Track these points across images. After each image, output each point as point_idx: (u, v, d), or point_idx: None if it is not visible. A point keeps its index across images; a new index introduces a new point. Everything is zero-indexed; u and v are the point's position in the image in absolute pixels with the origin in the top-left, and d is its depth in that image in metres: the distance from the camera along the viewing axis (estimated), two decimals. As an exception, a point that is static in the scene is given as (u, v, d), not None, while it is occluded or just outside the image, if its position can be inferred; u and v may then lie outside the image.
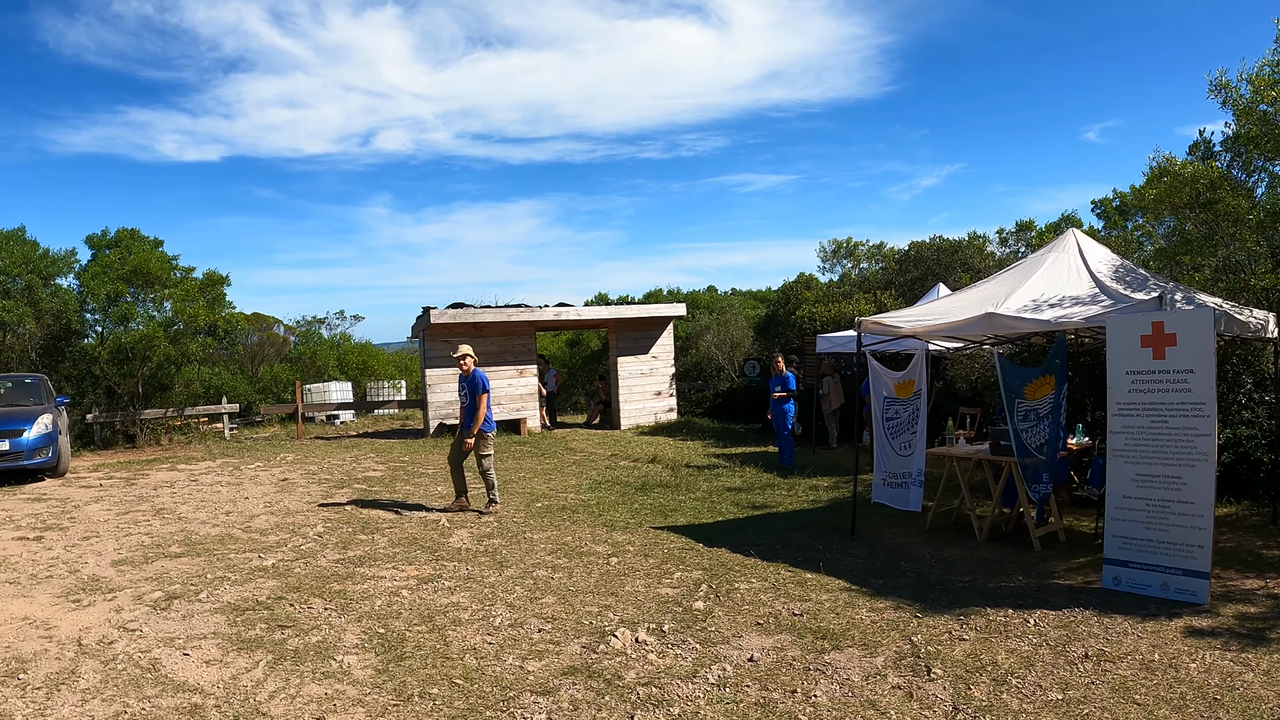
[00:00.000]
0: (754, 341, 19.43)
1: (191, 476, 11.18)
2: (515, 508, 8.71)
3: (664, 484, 10.18)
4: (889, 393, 7.88)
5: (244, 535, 7.41)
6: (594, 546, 6.92)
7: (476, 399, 8.26)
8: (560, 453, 13.45)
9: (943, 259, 16.93)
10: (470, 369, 8.41)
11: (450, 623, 4.99)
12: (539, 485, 10.19)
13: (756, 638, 4.77)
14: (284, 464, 12.20)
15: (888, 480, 7.90)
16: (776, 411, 12.01)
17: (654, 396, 17.86)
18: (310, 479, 10.67)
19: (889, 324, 7.70)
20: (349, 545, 6.99)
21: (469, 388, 8.35)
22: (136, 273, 15.17)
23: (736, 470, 11.34)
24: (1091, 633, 4.94)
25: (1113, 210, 19.18)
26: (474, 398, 8.27)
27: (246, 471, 11.48)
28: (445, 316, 15.35)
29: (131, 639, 4.83)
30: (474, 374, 8.35)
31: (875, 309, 15.60)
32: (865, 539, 7.50)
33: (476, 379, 8.32)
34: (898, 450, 7.76)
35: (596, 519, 8.09)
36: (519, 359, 16.56)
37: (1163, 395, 5.93)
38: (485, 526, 7.72)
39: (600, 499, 9.22)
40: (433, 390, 15.70)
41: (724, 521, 8.18)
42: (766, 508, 8.94)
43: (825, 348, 13.25)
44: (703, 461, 12.50)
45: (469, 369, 8.39)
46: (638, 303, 17.92)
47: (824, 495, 9.70)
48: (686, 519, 8.24)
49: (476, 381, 8.30)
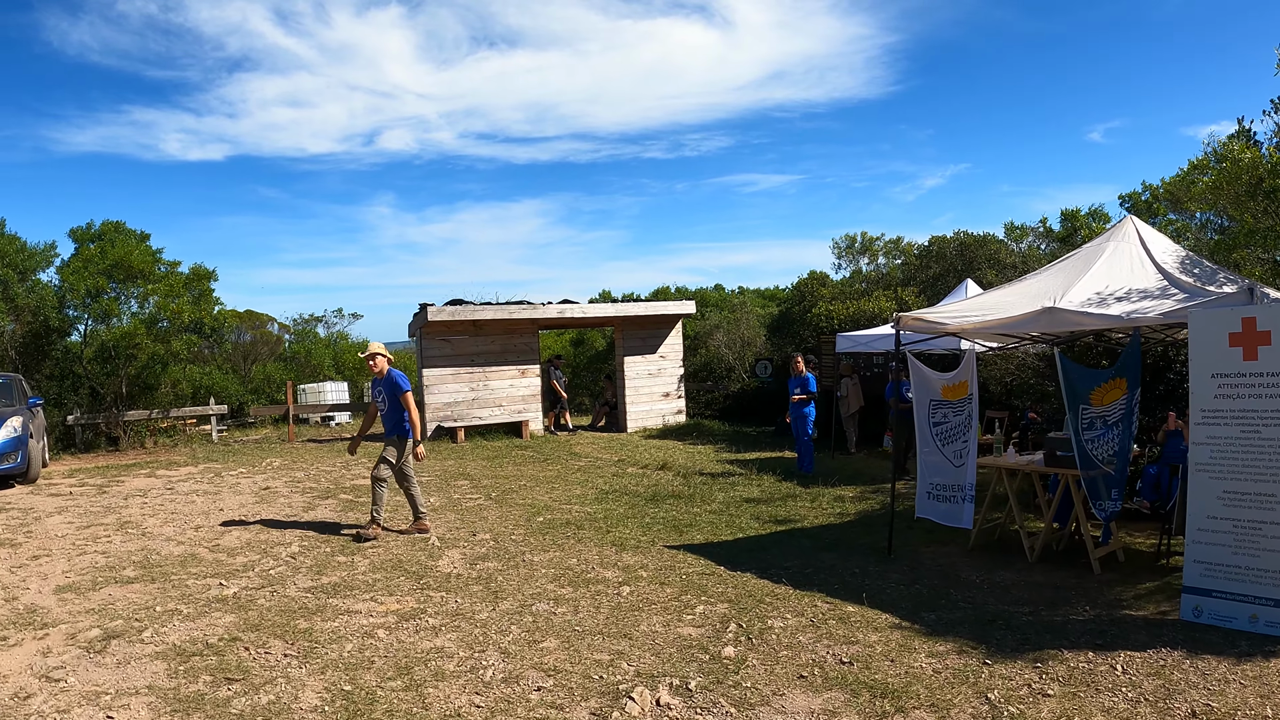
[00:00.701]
0: (766, 341, 18.61)
1: (169, 484, 10.40)
2: (515, 522, 7.90)
3: (676, 494, 9.37)
4: (935, 395, 7.06)
5: (209, 556, 6.62)
6: (602, 571, 6.11)
7: (400, 401, 7.29)
8: (564, 458, 12.65)
9: (966, 254, 16.09)
10: (384, 369, 7.39)
11: (431, 675, 4.17)
12: (541, 495, 9.39)
13: (803, 696, 3.95)
14: (269, 470, 11.41)
15: (935, 493, 7.07)
16: (796, 415, 11.20)
17: (662, 398, 17.05)
18: (294, 487, 9.88)
19: (931, 320, 6.89)
20: (324, 569, 6.18)
21: (387, 391, 7.34)
22: (118, 266, 14.40)
23: (753, 478, 10.53)
24: (1189, 681, 4.16)
25: (1142, 204, 18.31)
26: (395, 400, 7.32)
27: (228, 479, 10.70)
28: (443, 314, 14.56)
29: (52, 693, 4.04)
30: (390, 374, 7.35)
31: (896, 306, 14.77)
32: (904, 559, 6.72)
33: (394, 380, 7.32)
34: (951, 459, 6.93)
35: (604, 536, 7.29)
36: (521, 358, 15.76)
37: (1255, 402, 5.13)
38: (479, 546, 6.91)
39: (608, 511, 8.42)
40: (430, 391, 14.90)
41: (745, 539, 7.38)
42: (790, 522, 8.13)
43: (846, 347, 12.42)
44: (716, 468, 11.69)
45: (381, 369, 7.37)
46: (645, 300, 17.11)
47: (851, 507, 8.89)
48: (704, 536, 7.43)
49: (395, 382, 7.31)
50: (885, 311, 14.49)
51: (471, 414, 15.19)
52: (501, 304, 15.37)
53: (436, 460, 12.31)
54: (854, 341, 12.23)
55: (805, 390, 11.14)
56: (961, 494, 6.82)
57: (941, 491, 7.04)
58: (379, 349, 7.49)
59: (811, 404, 11.15)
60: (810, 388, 11.15)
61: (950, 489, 6.98)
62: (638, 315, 16.51)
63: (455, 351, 15.13)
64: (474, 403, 15.26)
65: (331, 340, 21.71)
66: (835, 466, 11.78)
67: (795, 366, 11.40)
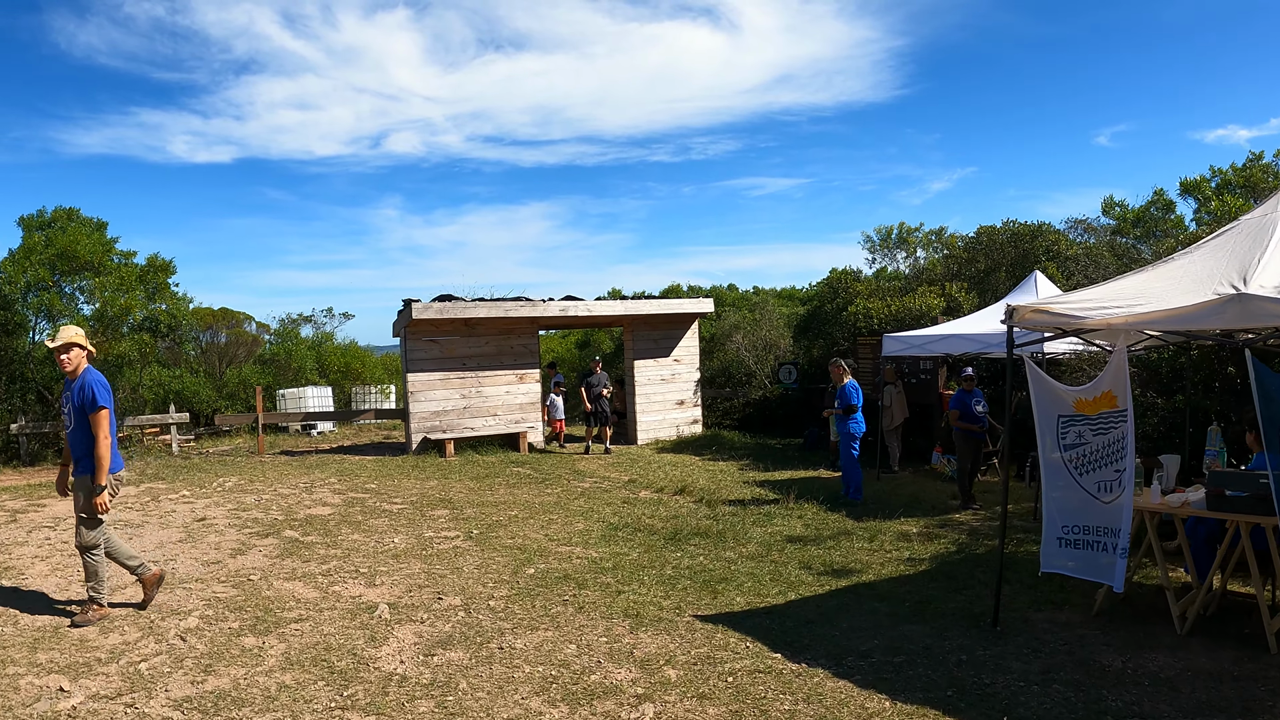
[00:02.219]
0: (792, 343, 16.80)
1: (92, 511, 8.69)
2: (497, 575, 6.11)
3: (702, 531, 7.57)
4: (1065, 410, 5.25)
5: (75, 632, 4.85)
6: (612, 670, 4.30)
7: (91, 421, 4.76)
8: (565, 477, 10.87)
9: (1020, 246, 14.27)
10: (78, 368, 4.86)
11: None
12: (534, 531, 7.60)
13: None
14: (218, 493, 9.67)
15: (1070, 538, 5.25)
16: (843, 433, 9.41)
17: (676, 406, 15.26)
18: (234, 519, 8.12)
19: (1061, 313, 5.08)
20: (218, 661, 4.39)
21: (74, 401, 4.82)
22: (63, 257, 12.71)
23: (792, 508, 8.72)
24: None
25: (1210, 191, 16.48)
26: (85, 419, 4.80)
27: (164, 504, 8.96)
28: (430, 311, 12.81)
29: None
30: (84, 378, 4.82)
31: (945, 303, 12.96)
32: (1017, 634, 4.99)
33: (88, 387, 4.77)
34: (1095, 493, 5.12)
35: (614, 600, 5.49)
36: (519, 362, 13.99)
37: None
38: (444, 620, 5.11)
39: (617, 558, 6.62)
40: (416, 398, 13.15)
41: (800, 602, 5.58)
42: (851, 573, 6.34)
43: (895, 350, 10.60)
44: (744, 492, 9.89)
45: (75, 368, 4.86)
46: (657, 298, 15.34)
47: (920, 549, 7.09)
48: (745, 598, 5.64)
49: (88, 391, 4.76)
50: (933, 309, 12.67)
51: (462, 424, 13.43)
52: (496, 300, 13.60)
53: (416, 480, 10.54)
54: (906, 344, 10.41)
55: (844, 404, 9.35)
56: (1111, 540, 5.01)
57: (1079, 536, 5.23)
58: (75, 336, 4.89)
59: (853, 419, 9.34)
60: (851, 400, 9.34)
61: (1092, 533, 5.17)
62: (649, 314, 14.73)
63: (444, 354, 13.37)
64: (465, 412, 13.50)
65: (316, 341, 19.99)
66: (884, 491, 9.97)
67: (835, 374, 9.60)
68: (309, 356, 18.66)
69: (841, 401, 9.43)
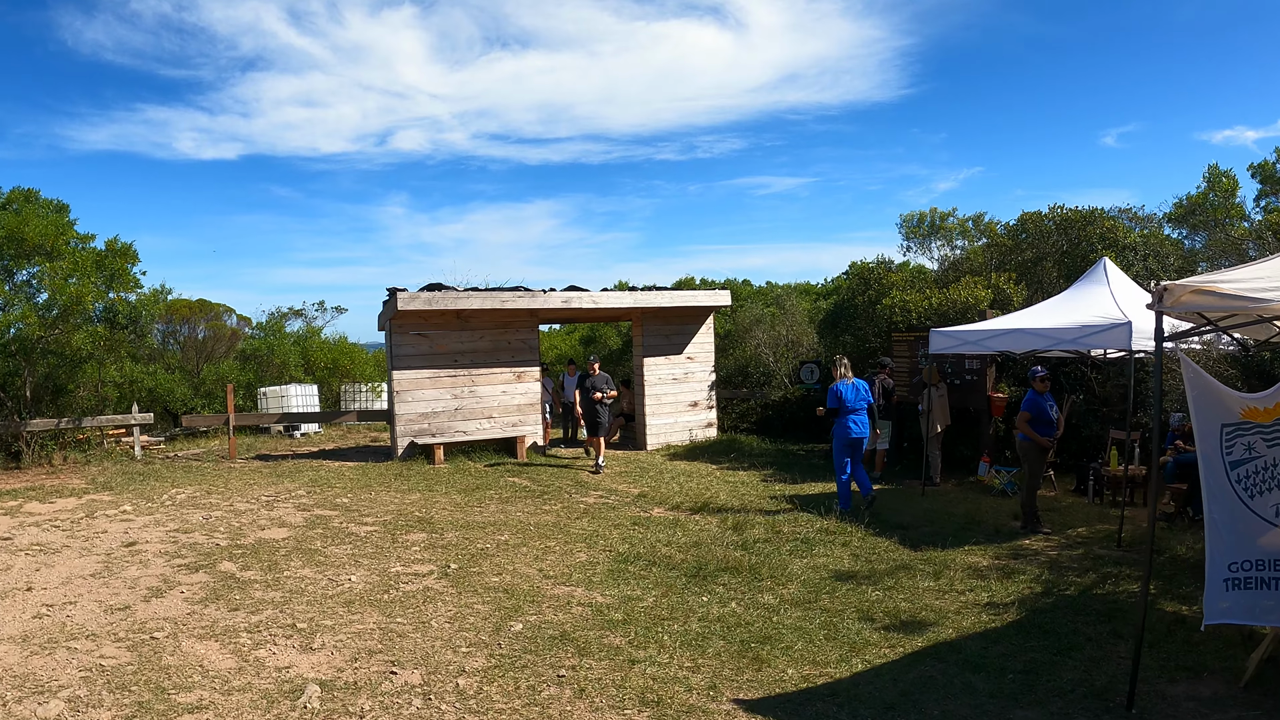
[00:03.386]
0: (817, 340, 15.40)
1: (17, 526, 7.39)
2: (473, 634, 4.77)
3: (732, 565, 6.21)
4: (1231, 418, 3.89)
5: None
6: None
7: None
8: (568, 490, 9.52)
9: (1070, 233, 12.86)
10: None
11: None
12: (525, 565, 6.24)
13: None
14: (165, 507, 8.36)
15: (1240, 577, 3.88)
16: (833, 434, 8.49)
17: (689, 408, 13.89)
18: (170, 543, 6.80)
19: (1236, 294, 3.71)
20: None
21: None
22: (11, 239, 11.41)
23: (835, 533, 7.35)
24: None
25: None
26: None
27: (97, 523, 7.66)
28: (417, 301, 11.47)
29: None
30: None
31: (993, 295, 11.56)
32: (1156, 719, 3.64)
33: None
34: (1267, 516, 3.77)
35: (625, 678, 4.13)
36: (517, 359, 12.64)
37: None
38: (394, 711, 3.79)
39: (628, 605, 5.27)
40: (402, 398, 11.82)
41: (870, 674, 4.23)
42: (924, 627, 4.98)
43: (945, 347, 9.20)
44: (772, 505, 8.55)
45: None
46: (669, 290, 13.99)
47: (1000, 589, 5.74)
48: (797, 668, 4.29)
49: None
50: (981, 302, 11.27)
51: (454, 427, 12.09)
52: (492, 290, 12.26)
53: (397, 493, 9.21)
54: (958, 340, 9.01)
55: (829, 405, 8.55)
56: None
57: (1252, 575, 3.87)
58: None
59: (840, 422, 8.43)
60: (829, 401, 8.52)
61: (1269, 568, 3.82)
62: (661, 307, 13.37)
63: (434, 349, 12.04)
64: (457, 413, 12.16)
65: (301, 336, 18.67)
66: (933, 510, 8.61)
67: (832, 372, 8.89)
68: (293, 352, 17.37)
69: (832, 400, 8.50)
